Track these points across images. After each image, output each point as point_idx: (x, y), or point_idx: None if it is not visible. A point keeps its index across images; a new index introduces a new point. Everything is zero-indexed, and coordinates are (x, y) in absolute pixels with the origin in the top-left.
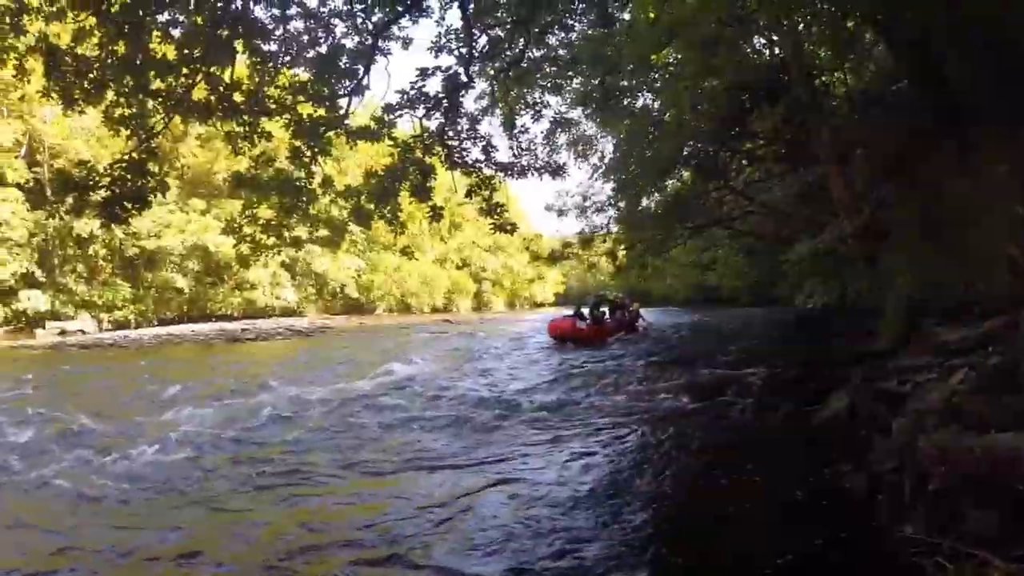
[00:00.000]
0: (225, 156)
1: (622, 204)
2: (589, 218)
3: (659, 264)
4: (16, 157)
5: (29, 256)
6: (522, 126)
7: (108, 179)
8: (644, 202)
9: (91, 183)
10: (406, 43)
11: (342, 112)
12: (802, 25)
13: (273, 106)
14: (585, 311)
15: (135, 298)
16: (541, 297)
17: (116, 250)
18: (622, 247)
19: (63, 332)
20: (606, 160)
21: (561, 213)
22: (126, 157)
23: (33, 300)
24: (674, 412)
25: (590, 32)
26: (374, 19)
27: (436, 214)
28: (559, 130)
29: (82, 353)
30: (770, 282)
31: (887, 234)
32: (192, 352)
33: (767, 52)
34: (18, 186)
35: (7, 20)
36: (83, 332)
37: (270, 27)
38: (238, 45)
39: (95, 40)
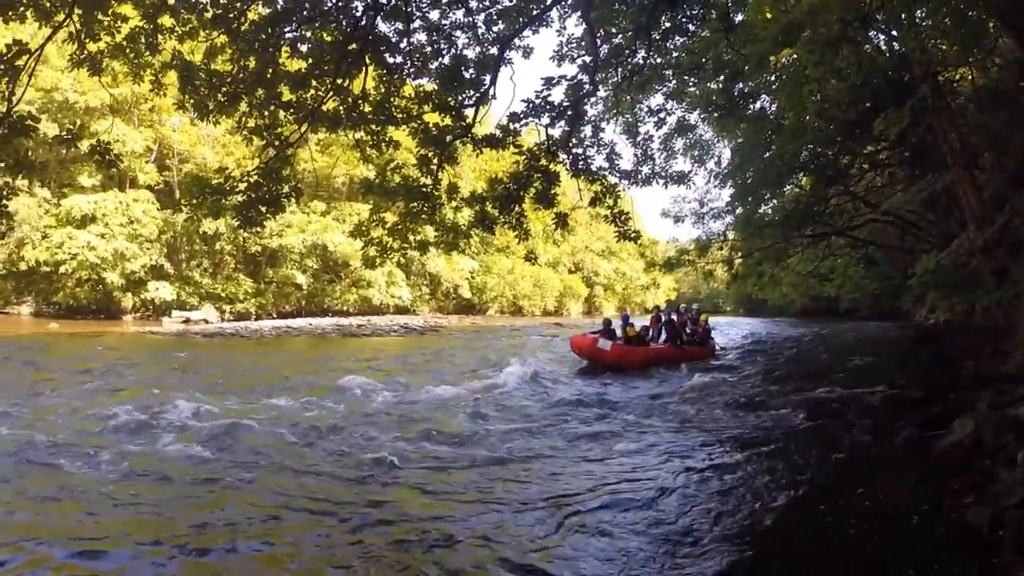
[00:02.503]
0: (344, 161)
1: (740, 210)
2: (706, 224)
3: (776, 273)
4: (147, 162)
5: (158, 251)
6: (645, 133)
7: (244, 185)
8: (762, 208)
9: (228, 188)
10: (527, 52)
11: (468, 121)
12: (923, 19)
13: (400, 116)
14: (617, 326)
15: (256, 292)
16: (653, 303)
17: (240, 247)
18: (739, 255)
19: (187, 321)
20: (723, 165)
21: (678, 219)
22: (262, 164)
23: (161, 290)
24: (789, 430)
25: (704, 34)
26: (495, 30)
27: (561, 221)
28: (676, 135)
29: (206, 341)
30: (892, 294)
31: (1021, 245)
32: (310, 344)
33: (887, 50)
34: (149, 188)
35: (143, 40)
36: (206, 322)
37: (394, 40)
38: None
39: (227, 56)
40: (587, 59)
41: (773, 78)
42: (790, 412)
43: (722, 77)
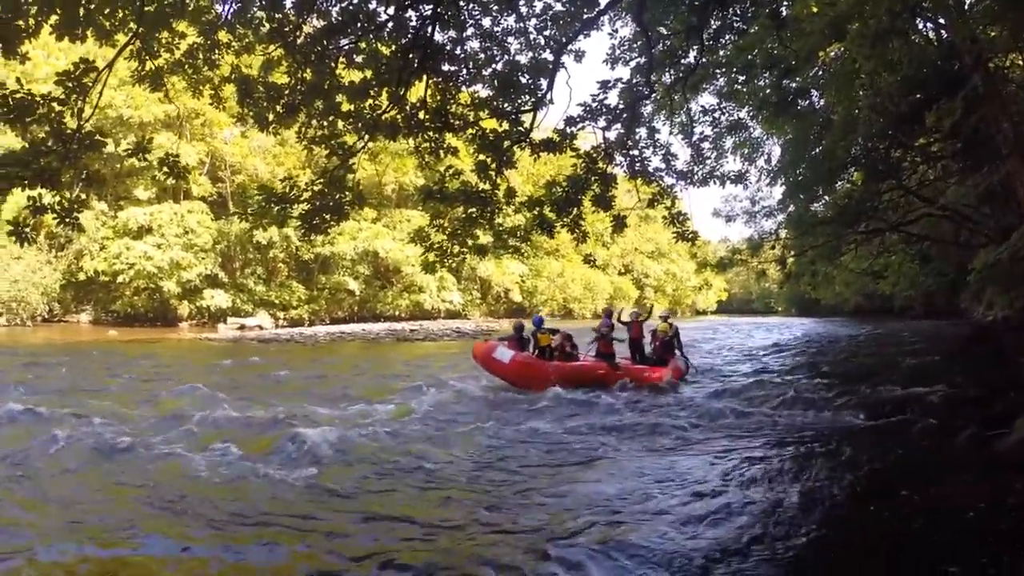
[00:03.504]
0: (393, 169)
1: (792, 208)
2: (758, 223)
3: (829, 271)
4: (200, 174)
5: (213, 260)
6: (700, 133)
7: (309, 194)
8: (814, 206)
9: (294, 197)
10: (578, 56)
11: (526, 126)
12: (971, 5)
13: (457, 123)
14: (529, 332)
15: (309, 298)
16: (703, 304)
17: (292, 254)
18: (791, 253)
19: (242, 327)
20: (773, 163)
21: (729, 219)
22: (323, 173)
23: (216, 298)
24: (847, 429)
25: (753, 30)
26: (546, 35)
27: (619, 223)
28: (727, 134)
29: (262, 346)
30: (947, 291)
31: None
32: (365, 349)
33: (935, 39)
34: (202, 199)
35: (201, 55)
36: (260, 328)
37: (448, 48)
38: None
39: (283, 69)
40: (641, 60)
41: (822, 73)
42: (848, 412)
43: (771, 74)
